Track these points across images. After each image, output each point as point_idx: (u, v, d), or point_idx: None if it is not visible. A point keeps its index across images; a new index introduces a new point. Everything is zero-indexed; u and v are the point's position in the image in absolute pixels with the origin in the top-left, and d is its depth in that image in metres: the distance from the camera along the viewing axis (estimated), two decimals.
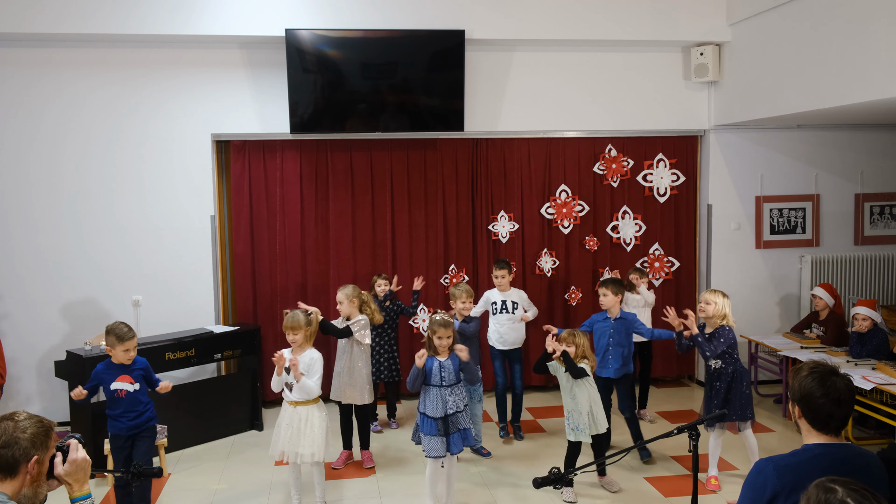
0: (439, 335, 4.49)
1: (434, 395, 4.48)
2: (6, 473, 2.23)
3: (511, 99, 6.86)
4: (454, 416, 4.48)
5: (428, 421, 4.48)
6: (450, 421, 4.48)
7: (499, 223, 7.01)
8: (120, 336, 4.34)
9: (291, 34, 6.12)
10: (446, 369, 4.51)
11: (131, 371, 4.43)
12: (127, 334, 4.36)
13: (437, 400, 4.47)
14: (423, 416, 4.51)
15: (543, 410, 6.61)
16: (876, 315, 5.78)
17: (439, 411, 4.45)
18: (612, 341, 5.35)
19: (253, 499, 4.93)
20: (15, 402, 6.15)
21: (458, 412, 4.50)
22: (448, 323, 4.54)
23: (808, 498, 1.94)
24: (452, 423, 4.49)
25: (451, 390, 4.50)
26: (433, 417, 4.46)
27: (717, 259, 7.20)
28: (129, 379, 4.41)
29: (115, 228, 6.39)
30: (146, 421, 4.45)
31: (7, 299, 6.26)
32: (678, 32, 6.72)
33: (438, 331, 4.50)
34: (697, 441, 3.28)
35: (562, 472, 3.31)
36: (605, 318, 5.43)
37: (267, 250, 6.72)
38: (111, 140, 6.35)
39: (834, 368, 2.50)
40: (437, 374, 4.50)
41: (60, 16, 5.89)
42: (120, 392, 4.38)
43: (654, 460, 5.41)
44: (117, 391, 4.38)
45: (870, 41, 5.00)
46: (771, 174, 7.24)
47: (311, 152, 6.72)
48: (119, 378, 4.39)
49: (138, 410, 4.41)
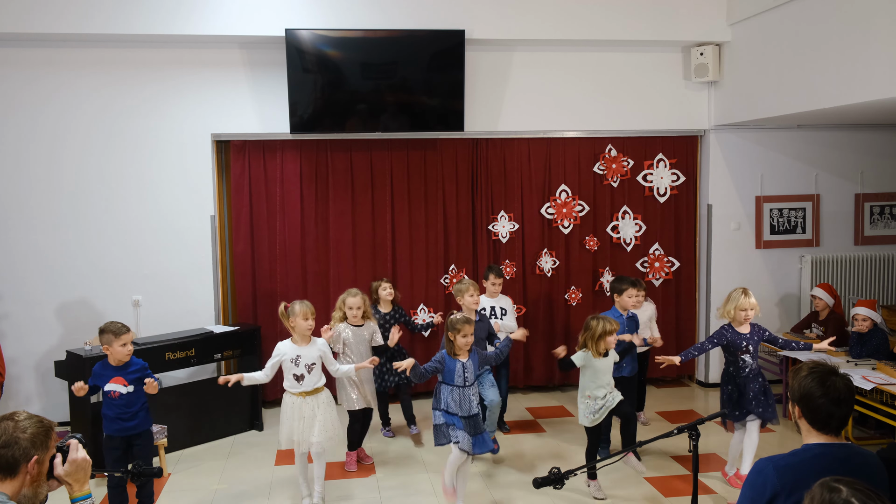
0: (464, 332, 4.46)
1: (458, 395, 4.48)
2: (6, 473, 2.23)
3: (511, 99, 6.86)
4: (478, 416, 4.54)
5: (454, 418, 4.48)
6: (475, 421, 4.51)
7: (499, 223, 7.01)
8: (115, 331, 4.35)
9: (291, 34, 6.12)
10: (469, 369, 4.52)
11: (126, 373, 4.42)
12: (121, 329, 4.37)
13: (461, 400, 4.48)
14: (447, 414, 4.50)
15: (544, 410, 6.61)
16: (876, 315, 5.77)
17: (465, 410, 4.48)
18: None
19: (253, 499, 4.93)
20: (15, 402, 6.15)
21: (478, 414, 4.56)
22: (470, 320, 4.56)
23: (812, 497, 1.93)
24: (477, 424, 4.52)
25: (472, 390, 4.53)
26: (461, 416, 4.47)
27: (717, 259, 7.20)
28: (122, 381, 4.41)
29: (115, 228, 6.39)
30: (140, 424, 4.44)
31: (7, 299, 6.26)
32: (678, 32, 6.72)
33: (463, 328, 4.46)
34: (697, 441, 3.28)
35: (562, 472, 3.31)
36: (617, 315, 5.46)
37: (267, 250, 6.72)
38: (111, 140, 6.35)
39: (834, 368, 2.50)
40: (461, 375, 4.49)
41: (60, 16, 5.89)
42: (113, 393, 4.39)
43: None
44: (111, 392, 4.39)
45: (870, 41, 5.00)
46: (771, 174, 7.24)
47: (311, 152, 6.72)
48: (113, 380, 4.40)
49: (132, 412, 4.41)
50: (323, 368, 4.77)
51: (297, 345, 4.64)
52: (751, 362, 4.92)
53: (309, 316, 4.62)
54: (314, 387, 4.63)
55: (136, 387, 4.43)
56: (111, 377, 4.40)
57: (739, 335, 4.93)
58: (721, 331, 5.00)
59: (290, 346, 4.64)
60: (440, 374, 4.54)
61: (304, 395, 4.60)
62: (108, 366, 4.42)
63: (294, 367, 4.59)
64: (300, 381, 4.60)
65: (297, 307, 4.63)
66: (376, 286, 5.95)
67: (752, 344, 4.92)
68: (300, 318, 4.59)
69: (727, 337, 4.95)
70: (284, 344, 4.67)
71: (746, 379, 4.91)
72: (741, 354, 4.92)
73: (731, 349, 4.95)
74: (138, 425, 4.44)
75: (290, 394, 4.65)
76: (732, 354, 4.96)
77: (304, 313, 4.60)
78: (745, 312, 4.91)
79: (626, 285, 5.56)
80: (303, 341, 4.64)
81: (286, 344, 4.66)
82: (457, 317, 4.55)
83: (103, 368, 4.43)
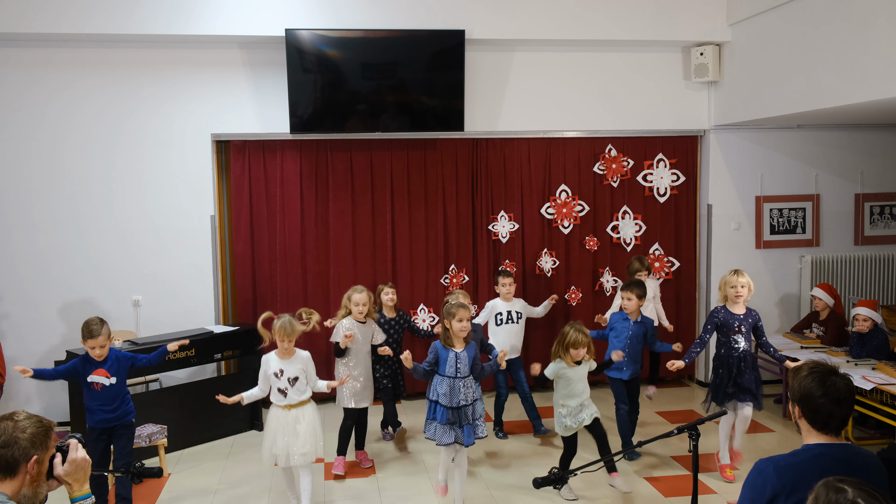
0: (460, 317, 4.38)
1: (447, 386, 4.43)
2: (6, 473, 2.22)
3: (511, 99, 6.86)
4: (467, 408, 4.46)
5: (440, 409, 4.43)
6: (462, 412, 4.44)
7: (499, 223, 7.01)
8: (86, 333, 4.40)
9: (291, 34, 6.12)
10: (462, 360, 4.45)
11: (107, 366, 4.47)
12: (93, 331, 4.39)
13: (450, 390, 4.42)
14: (436, 405, 4.46)
15: (543, 411, 6.60)
16: (876, 315, 5.78)
17: (453, 401, 4.42)
18: (629, 343, 5.35)
19: (253, 499, 4.93)
20: (15, 402, 6.16)
21: (474, 402, 4.47)
22: (466, 305, 4.48)
23: (816, 497, 1.92)
24: (465, 415, 4.45)
25: (464, 382, 4.45)
26: (446, 406, 4.42)
27: (717, 259, 7.20)
28: (104, 373, 4.46)
29: (115, 228, 6.39)
30: (123, 415, 4.51)
31: (7, 299, 6.26)
32: (678, 32, 6.72)
33: (459, 312, 4.38)
34: (697, 441, 3.28)
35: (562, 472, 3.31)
36: (625, 318, 5.44)
37: (267, 250, 6.72)
38: (111, 140, 6.35)
39: (834, 368, 2.50)
40: (453, 366, 4.43)
41: (60, 16, 5.89)
42: (96, 385, 4.45)
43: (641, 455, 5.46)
44: (93, 384, 4.44)
45: (870, 41, 5.00)
46: (771, 174, 7.24)
47: (311, 152, 6.72)
48: (95, 371, 4.46)
49: (115, 404, 4.47)
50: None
51: (280, 358, 4.54)
52: (743, 343, 4.93)
53: (285, 338, 4.48)
54: (298, 400, 4.54)
55: (118, 378, 4.49)
56: (94, 369, 4.46)
57: (732, 315, 4.95)
58: (713, 313, 5.05)
59: (273, 358, 4.55)
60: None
61: (288, 408, 4.54)
62: (90, 359, 4.47)
63: (277, 380, 4.52)
64: (284, 394, 4.54)
65: (276, 325, 4.51)
66: (379, 290, 5.82)
67: (744, 325, 4.94)
68: (276, 339, 4.50)
69: (719, 317, 4.98)
70: (269, 356, 4.59)
71: (738, 360, 4.92)
72: (733, 335, 4.93)
73: (724, 329, 4.98)
74: (121, 416, 4.50)
75: (275, 406, 4.58)
76: (725, 335, 4.99)
77: (282, 334, 4.47)
78: (735, 289, 4.92)
79: (627, 287, 5.51)
80: (286, 354, 4.56)
81: (271, 356, 4.58)
82: (452, 302, 4.50)
83: (86, 360, 4.48)
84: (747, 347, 4.97)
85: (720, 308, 5.02)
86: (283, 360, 4.54)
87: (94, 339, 4.39)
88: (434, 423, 4.48)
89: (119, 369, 4.50)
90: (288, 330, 4.48)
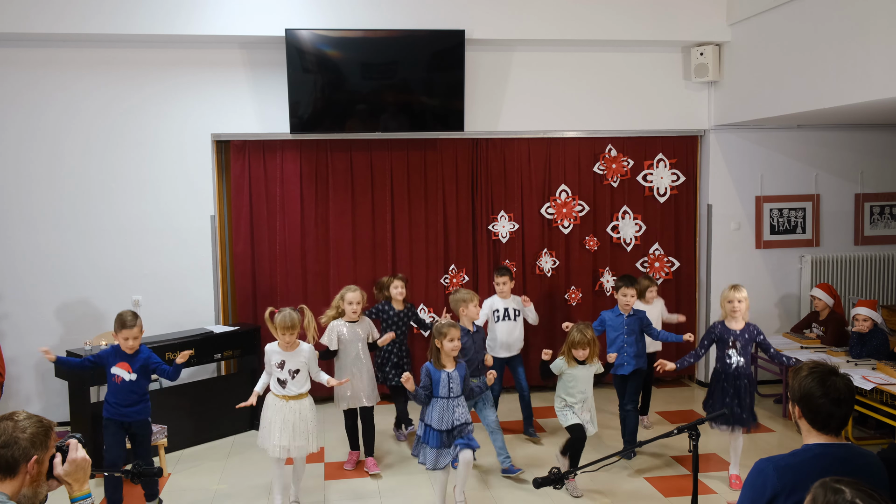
0: (451, 336, 4.38)
1: (441, 408, 4.40)
2: (6, 473, 2.22)
3: (511, 99, 6.86)
4: (460, 428, 4.43)
5: (433, 433, 4.39)
6: (456, 432, 4.42)
7: (499, 223, 7.01)
8: (119, 324, 4.51)
9: (291, 34, 6.12)
10: (454, 380, 4.43)
11: (133, 361, 4.55)
12: (127, 322, 4.49)
13: (444, 412, 4.39)
14: (428, 428, 4.43)
15: (544, 410, 6.60)
16: (876, 315, 5.78)
17: (445, 423, 4.39)
18: (626, 339, 5.35)
19: (253, 499, 4.93)
20: (15, 402, 6.15)
21: (465, 423, 4.44)
22: (456, 325, 4.47)
23: (813, 498, 1.91)
24: (458, 433, 4.42)
25: (458, 401, 4.43)
26: (438, 430, 4.39)
27: (717, 259, 7.20)
28: (127, 367, 4.53)
29: (115, 228, 6.39)
30: (139, 412, 4.58)
31: (7, 299, 6.26)
32: (678, 32, 6.72)
33: (450, 332, 4.38)
34: (697, 441, 3.28)
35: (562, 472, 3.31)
36: (617, 314, 5.43)
37: (267, 250, 6.71)
38: (111, 140, 6.35)
39: (834, 368, 2.50)
40: (446, 386, 4.41)
41: (60, 16, 5.89)
42: (116, 378, 4.52)
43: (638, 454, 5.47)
44: (115, 376, 4.52)
45: (870, 41, 5.00)
46: (771, 174, 7.24)
47: (311, 152, 6.72)
48: (119, 364, 4.54)
49: (132, 400, 4.54)
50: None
51: (282, 349, 4.59)
52: (736, 359, 4.91)
53: (287, 332, 4.52)
54: (297, 392, 4.57)
55: (139, 375, 4.56)
56: (118, 361, 4.54)
57: (729, 330, 4.95)
58: (710, 328, 5.06)
59: (275, 349, 4.60)
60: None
61: (287, 399, 4.56)
62: (120, 351, 4.54)
63: (278, 370, 4.56)
64: (283, 385, 4.56)
65: (277, 318, 4.55)
66: (387, 282, 5.77)
67: (740, 340, 4.92)
68: (279, 332, 4.55)
69: (716, 332, 4.99)
70: (271, 346, 4.64)
71: (733, 376, 4.91)
72: (727, 350, 4.93)
73: (720, 344, 4.99)
74: (137, 413, 4.57)
75: (273, 395, 4.61)
76: (721, 350, 4.98)
77: (284, 328, 4.52)
78: (731, 304, 4.92)
79: (621, 283, 5.53)
80: (289, 347, 4.59)
81: (272, 346, 4.63)
82: (443, 321, 4.51)
83: (115, 352, 4.56)
84: (744, 364, 4.93)
85: (717, 323, 5.02)
86: (286, 353, 4.59)
87: (129, 330, 4.47)
88: (425, 448, 4.43)
89: (143, 369, 4.57)
90: (289, 323, 4.54)
